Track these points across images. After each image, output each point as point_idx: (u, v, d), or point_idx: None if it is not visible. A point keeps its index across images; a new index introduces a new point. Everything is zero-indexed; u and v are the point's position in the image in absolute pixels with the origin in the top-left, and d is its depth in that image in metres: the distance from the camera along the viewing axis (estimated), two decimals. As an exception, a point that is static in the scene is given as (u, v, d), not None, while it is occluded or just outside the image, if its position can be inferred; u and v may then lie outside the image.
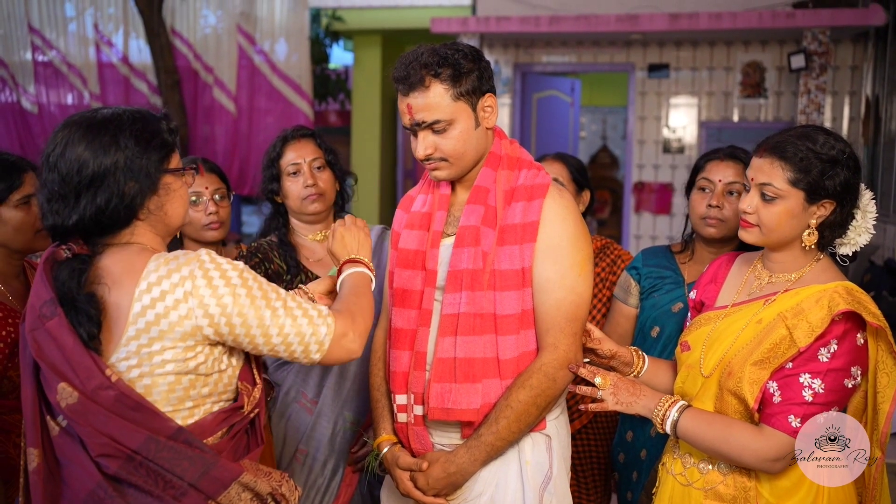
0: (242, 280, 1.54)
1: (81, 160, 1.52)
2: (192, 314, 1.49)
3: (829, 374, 1.71)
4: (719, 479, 1.86)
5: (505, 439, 1.90)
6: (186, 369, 1.52)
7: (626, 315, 2.58)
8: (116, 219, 1.55)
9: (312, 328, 1.58)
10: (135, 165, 1.54)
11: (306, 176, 2.48)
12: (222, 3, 7.77)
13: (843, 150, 1.78)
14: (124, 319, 1.49)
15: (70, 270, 1.51)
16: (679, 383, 1.96)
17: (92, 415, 1.46)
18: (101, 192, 1.52)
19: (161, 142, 1.60)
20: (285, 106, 7.72)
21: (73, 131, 1.55)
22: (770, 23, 6.53)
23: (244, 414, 1.64)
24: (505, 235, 1.93)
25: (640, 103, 7.53)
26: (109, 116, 1.57)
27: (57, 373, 1.47)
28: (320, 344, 1.59)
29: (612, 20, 6.81)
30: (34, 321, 1.51)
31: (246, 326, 1.53)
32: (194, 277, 1.50)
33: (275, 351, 1.58)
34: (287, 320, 1.56)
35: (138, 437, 1.47)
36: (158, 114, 1.65)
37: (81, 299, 1.48)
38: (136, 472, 1.48)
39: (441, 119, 1.89)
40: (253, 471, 1.61)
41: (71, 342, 1.47)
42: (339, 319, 1.63)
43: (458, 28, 7.07)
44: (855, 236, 1.84)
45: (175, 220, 1.66)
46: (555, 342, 1.91)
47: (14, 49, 8.22)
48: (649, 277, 2.53)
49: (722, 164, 2.40)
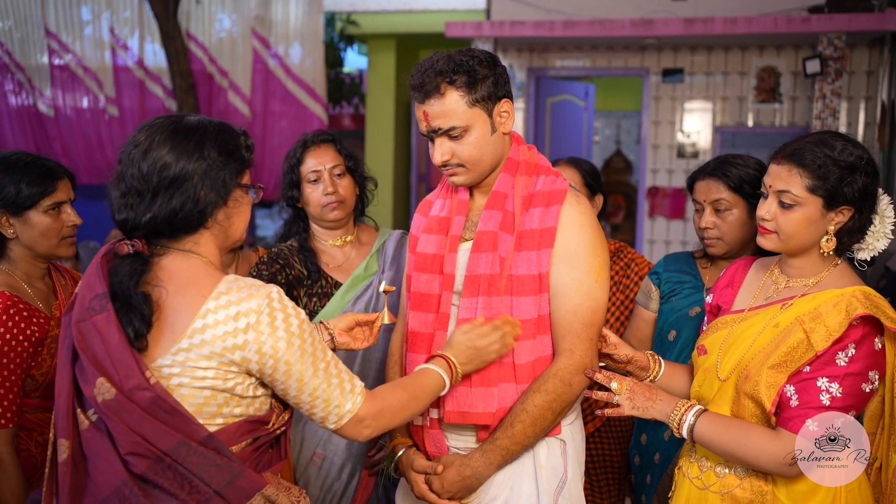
0: (301, 331, 1.57)
1: (165, 161, 1.55)
2: (247, 346, 1.52)
3: (846, 378, 1.71)
4: (736, 482, 1.86)
5: (520, 444, 1.90)
6: (224, 387, 1.55)
7: (647, 320, 2.59)
8: (188, 223, 1.58)
9: (339, 400, 1.62)
10: (213, 174, 1.58)
11: (326, 183, 2.48)
12: (237, 7, 7.81)
13: (861, 157, 1.78)
14: (181, 329, 1.52)
15: (131, 268, 1.53)
16: (695, 387, 1.96)
17: (127, 413, 1.48)
18: (177, 194, 1.55)
19: (240, 156, 1.64)
20: (299, 110, 7.75)
21: (160, 133, 1.58)
22: (785, 27, 6.51)
23: (269, 430, 1.65)
24: (522, 241, 1.94)
25: (654, 108, 7.52)
26: (196, 124, 1.61)
27: (97, 367, 1.49)
28: (339, 417, 1.63)
29: (626, 25, 6.80)
30: (82, 312, 1.53)
31: (287, 375, 1.56)
32: (260, 312, 1.53)
33: (299, 404, 1.62)
34: (324, 384, 1.60)
35: (170, 439, 1.49)
36: (239, 129, 1.69)
37: (137, 298, 1.50)
38: (164, 474, 1.50)
39: (457, 126, 1.89)
40: (275, 484, 1.63)
41: (116, 339, 1.48)
42: (367, 403, 1.66)
43: (472, 32, 7.08)
44: (873, 241, 1.84)
45: (236, 234, 1.69)
46: (571, 347, 1.92)
47: (31, 52, 8.29)
48: (669, 282, 2.54)
49: (703, 184, 2.40)
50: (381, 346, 2.35)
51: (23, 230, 2.24)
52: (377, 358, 2.39)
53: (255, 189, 1.71)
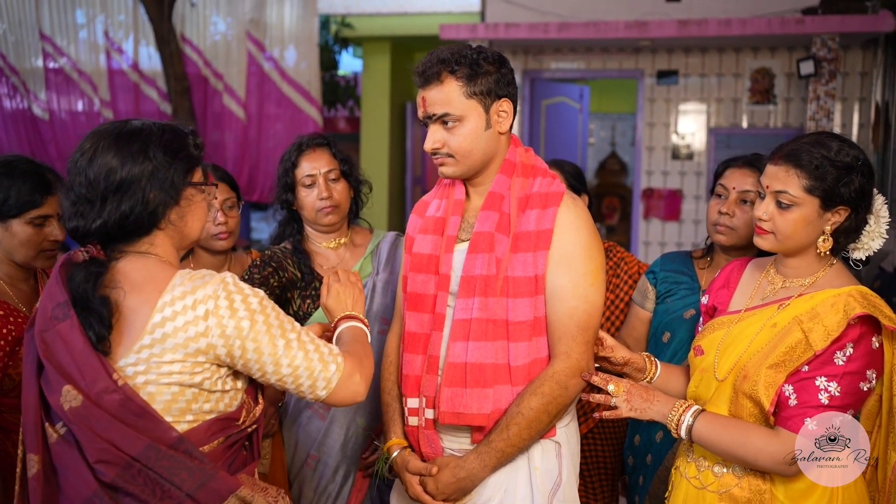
0: (262, 307, 1.57)
1: (110, 167, 1.55)
2: (209, 332, 1.52)
3: (844, 377, 1.71)
4: (734, 482, 1.86)
5: (515, 446, 1.90)
6: (192, 382, 1.54)
7: (643, 319, 2.59)
8: (139, 226, 1.58)
9: (322, 364, 1.61)
10: (161, 175, 1.58)
11: (321, 188, 2.48)
12: (232, 11, 7.80)
13: (858, 157, 1.79)
14: (141, 326, 1.51)
15: (87, 273, 1.53)
16: (692, 388, 1.96)
17: (94, 419, 1.47)
18: (126, 198, 1.55)
19: (187, 155, 1.64)
20: (294, 112, 7.75)
21: (103, 139, 1.58)
22: (779, 29, 6.52)
23: (240, 427, 1.64)
24: (519, 242, 1.94)
25: (648, 110, 7.53)
26: (140, 127, 1.61)
27: (63, 374, 1.49)
28: (328, 381, 1.62)
29: (620, 27, 6.81)
30: (44, 322, 1.53)
31: (258, 353, 1.55)
32: (217, 297, 1.53)
33: (282, 382, 1.60)
34: (299, 353, 1.59)
35: (139, 444, 1.48)
36: (186, 129, 1.68)
37: (95, 301, 1.50)
38: (134, 481, 1.48)
39: (451, 113, 1.91)
40: (250, 485, 1.63)
41: (80, 344, 1.48)
42: (347, 360, 1.66)
43: (466, 35, 7.08)
44: (868, 241, 1.84)
45: (193, 233, 1.69)
46: (567, 350, 1.92)
47: (25, 56, 8.28)
48: (665, 282, 2.54)
49: (738, 172, 2.39)
50: (376, 348, 2.35)
51: (3, 236, 2.24)
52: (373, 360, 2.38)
53: (209, 186, 1.71)
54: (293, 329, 1.61)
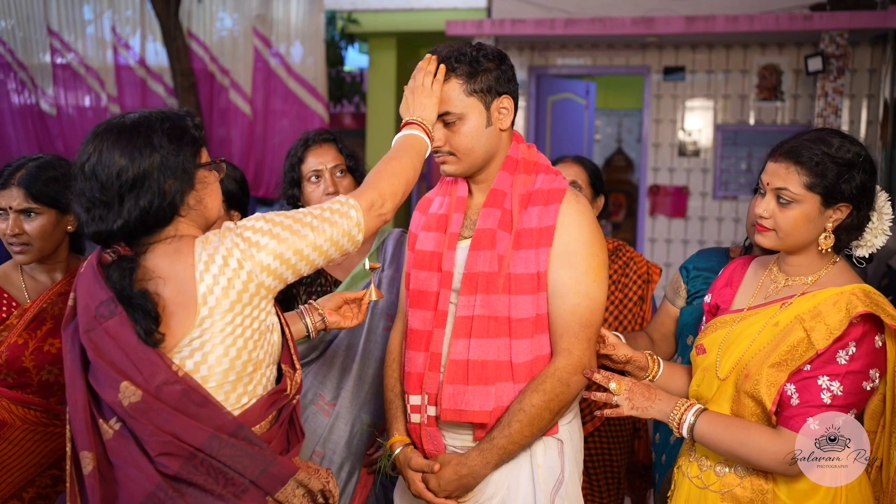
0: (272, 224, 1.59)
1: (120, 166, 1.54)
2: (252, 275, 1.54)
3: (847, 376, 1.71)
4: (736, 481, 1.85)
5: (517, 443, 1.90)
6: (244, 337, 1.56)
7: (672, 316, 2.47)
8: (161, 217, 1.58)
9: (346, 219, 1.66)
10: (171, 163, 1.58)
11: (327, 183, 2.48)
12: (238, 6, 7.81)
13: (859, 153, 1.78)
14: (191, 305, 1.52)
15: (120, 271, 1.53)
16: (694, 386, 1.95)
17: (154, 413, 1.48)
18: (143, 193, 1.55)
19: (191, 138, 1.63)
20: (300, 108, 7.75)
21: (105, 139, 1.57)
22: (787, 25, 6.49)
23: (288, 397, 1.67)
24: (521, 239, 1.94)
25: (655, 106, 7.51)
26: (138, 120, 1.60)
27: (118, 371, 1.49)
28: (358, 226, 1.67)
29: (627, 23, 6.79)
30: (89, 322, 1.52)
31: (298, 254, 1.59)
32: (237, 245, 1.54)
33: (328, 256, 1.65)
34: (324, 226, 1.63)
35: (202, 434, 1.50)
36: (182, 111, 1.68)
37: (136, 296, 1.50)
38: (197, 471, 1.50)
39: (451, 111, 1.92)
40: (305, 468, 1.65)
41: (133, 340, 1.49)
42: (361, 198, 1.70)
43: (473, 30, 7.07)
44: (871, 238, 1.84)
45: (213, 213, 1.70)
46: (569, 347, 1.91)
47: (33, 51, 8.31)
48: (696, 280, 2.44)
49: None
50: (381, 345, 2.36)
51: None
52: (376, 357, 2.39)
53: (218, 163, 1.71)
54: (304, 214, 1.63)
